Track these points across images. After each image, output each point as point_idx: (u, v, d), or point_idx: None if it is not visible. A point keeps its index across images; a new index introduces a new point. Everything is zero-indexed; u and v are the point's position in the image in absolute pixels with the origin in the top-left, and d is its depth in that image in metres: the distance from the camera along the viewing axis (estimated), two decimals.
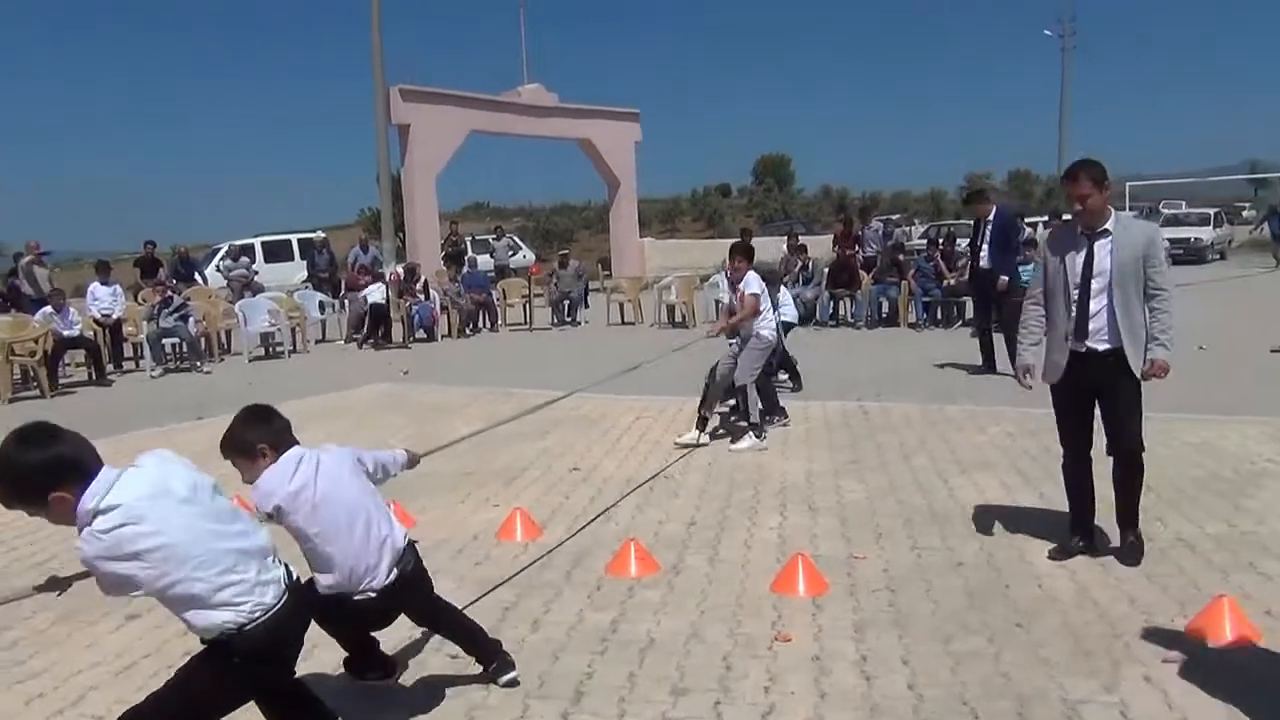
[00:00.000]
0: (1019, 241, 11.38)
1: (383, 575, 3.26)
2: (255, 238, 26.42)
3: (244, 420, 3.24)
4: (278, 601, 2.66)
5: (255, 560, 2.65)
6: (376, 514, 3.32)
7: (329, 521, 3.18)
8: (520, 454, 7.50)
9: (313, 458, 3.24)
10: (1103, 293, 4.53)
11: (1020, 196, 49.69)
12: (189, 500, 2.55)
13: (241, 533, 2.65)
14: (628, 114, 26.77)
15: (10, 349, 11.82)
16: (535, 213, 54.08)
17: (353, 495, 3.28)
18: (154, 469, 2.57)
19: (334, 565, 3.22)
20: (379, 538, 3.28)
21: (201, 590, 2.52)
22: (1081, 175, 4.47)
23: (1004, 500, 5.77)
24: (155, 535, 2.44)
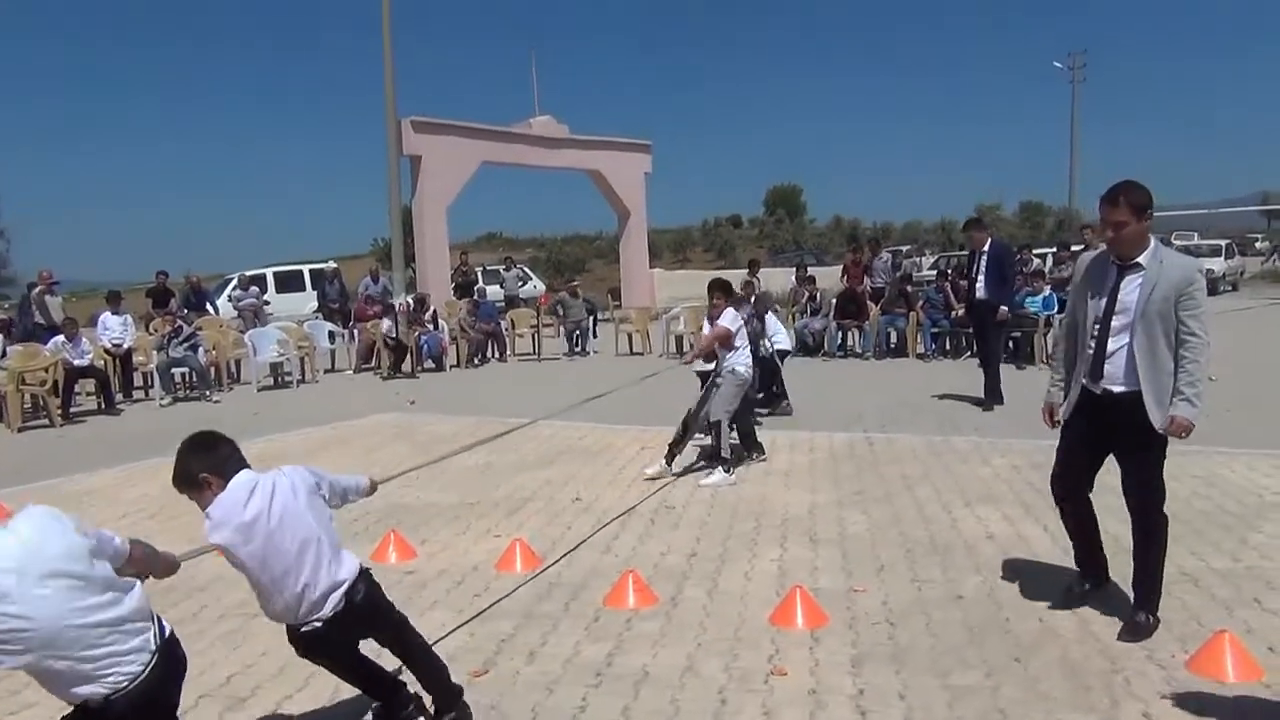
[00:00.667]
0: (1014, 274, 11.39)
1: (330, 606, 3.17)
2: (268, 268, 26.60)
3: (187, 450, 3.11)
4: (145, 668, 2.53)
5: (122, 627, 2.49)
6: (327, 542, 3.21)
7: (280, 551, 3.08)
8: (523, 484, 7.49)
9: (267, 483, 3.13)
10: (1124, 331, 4.11)
11: (1031, 228, 49.67)
12: (58, 574, 2.36)
13: (111, 601, 2.48)
14: (638, 145, 26.91)
15: (21, 378, 11.89)
16: (547, 243, 54.27)
17: (307, 523, 3.17)
18: (27, 533, 2.38)
19: (280, 596, 3.13)
20: (328, 567, 3.18)
21: (63, 669, 2.39)
22: (1121, 199, 4.06)
23: (1007, 533, 5.73)
24: (18, 618, 2.28)
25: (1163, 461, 4.18)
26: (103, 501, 7.45)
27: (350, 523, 6.51)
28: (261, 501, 3.08)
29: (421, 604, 4.93)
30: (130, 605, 2.54)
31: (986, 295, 10.28)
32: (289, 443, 9.73)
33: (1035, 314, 13.98)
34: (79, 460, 9.21)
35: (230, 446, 3.19)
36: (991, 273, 10.27)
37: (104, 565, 2.52)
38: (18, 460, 9.64)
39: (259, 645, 4.38)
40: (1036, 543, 5.49)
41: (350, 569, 3.26)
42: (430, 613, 4.79)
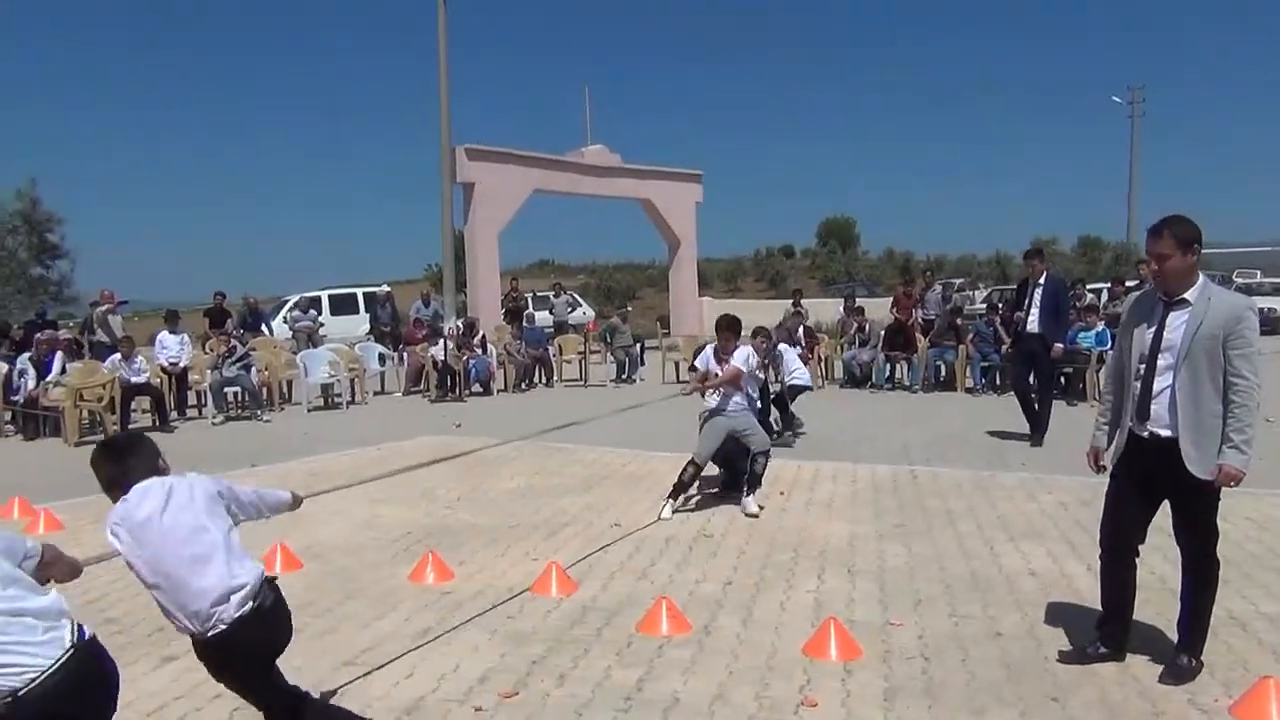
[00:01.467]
0: (1069, 309, 11.22)
1: (234, 608, 3.06)
2: (323, 290, 27.02)
3: (97, 457, 3.20)
4: (53, 663, 2.47)
5: (25, 621, 2.47)
6: (224, 547, 3.11)
7: (173, 554, 3.04)
8: (563, 508, 7.51)
9: (164, 485, 3.13)
10: (1169, 371, 3.97)
11: (1088, 263, 48.93)
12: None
13: (13, 596, 2.49)
14: (690, 175, 27.02)
15: (79, 394, 12.18)
16: (598, 270, 54.55)
17: (203, 526, 3.11)
18: None
19: (178, 600, 3.06)
20: (226, 571, 3.07)
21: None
22: (1165, 232, 3.95)
23: (1050, 570, 5.64)
24: None
25: (1216, 505, 4.07)
26: None
27: (390, 543, 6.58)
28: (155, 503, 3.07)
29: (455, 623, 4.96)
30: (37, 604, 2.53)
31: (1040, 329, 10.11)
32: (337, 463, 9.85)
33: (1088, 350, 13.76)
34: None
35: (144, 452, 3.23)
36: (1046, 306, 10.10)
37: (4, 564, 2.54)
38: (74, 474, 9.82)
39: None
40: (1080, 581, 5.39)
41: (253, 574, 3.14)
42: (464, 633, 4.82)
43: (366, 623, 5.03)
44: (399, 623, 5.03)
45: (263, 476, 9.24)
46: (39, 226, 27.65)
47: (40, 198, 27.78)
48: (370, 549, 6.37)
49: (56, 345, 13.56)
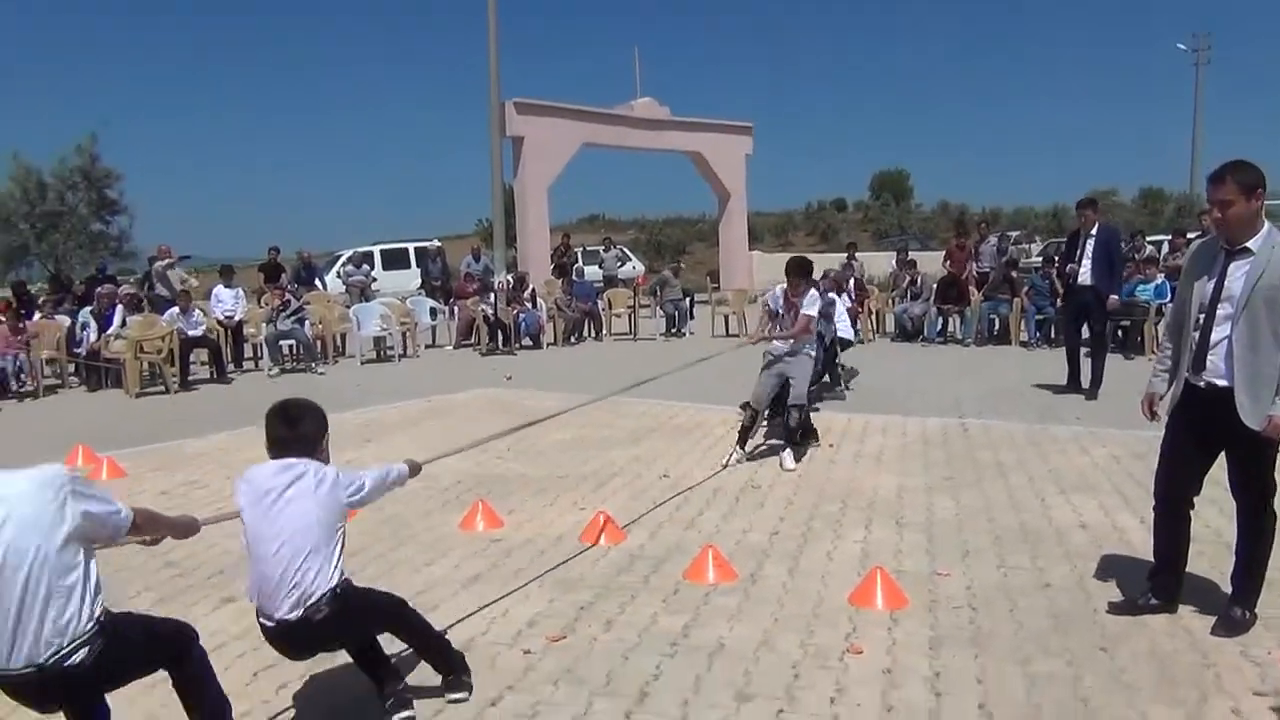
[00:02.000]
0: (1122, 261, 11.00)
1: (285, 611, 3.15)
2: (375, 245, 27.24)
3: (270, 414, 3.42)
4: (17, 672, 2.62)
5: (31, 622, 2.59)
6: (318, 549, 3.17)
7: (270, 533, 3.15)
8: (611, 460, 7.56)
9: (297, 469, 3.23)
10: (1228, 321, 3.89)
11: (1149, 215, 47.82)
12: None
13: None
14: (740, 127, 26.74)
15: (139, 347, 12.45)
16: (648, 225, 54.35)
17: (309, 523, 3.17)
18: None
19: (253, 579, 3.23)
20: (303, 571, 3.13)
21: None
22: (1228, 178, 3.85)
23: (1101, 523, 5.58)
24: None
25: (1274, 458, 3.99)
26: (212, 464, 7.76)
27: (442, 491, 6.68)
28: (280, 481, 3.20)
29: (505, 571, 5.04)
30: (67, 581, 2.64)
31: (1094, 281, 9.91)
32: (388, 415, 9.99)
33: (1146, 302, 13.50)
34: (192, 425, 9.61)
35: (306, 425, 3.37)
36: (1099, 257, 9.89)
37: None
38: (136, 424, 10.10)
39: None
40: (1132, 533, 5.33)
41: (322, 585, 3.16)
42: (513, 579, 4.89)
43: (418, 568, 5.13)
44: (449, 569, 5.12)
45: None
46: (98, 183, 28.08)
47: (100, 154, 28.20)
48: (421, 497, 6.47)
49: (117, 299, 13.85)
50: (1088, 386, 9.96)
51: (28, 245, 27.38)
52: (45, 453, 8.15)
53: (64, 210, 27.46)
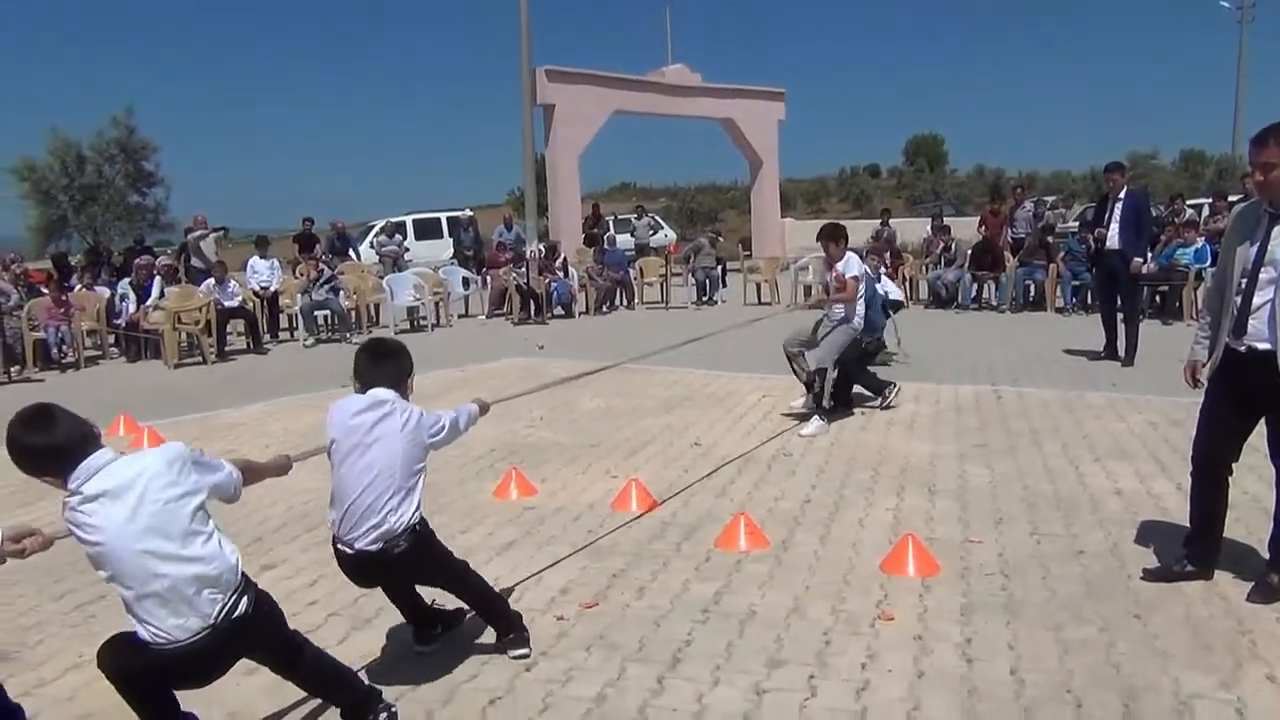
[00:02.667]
0: (1150, 225, 10.85)
1: (366, 542, 3.31)
2: (407, 215, 27.35)
3: (360, 353, 3.57)
4: (191, 638, 2.68)
5: (189, 588, 2.66)
6: (398, 484, 3.33)
7: (357, 466, 3.30)
8: (644, 428, 7.59)
9: (385, 406, 3.38)
10: (1270, 285, 3.83)
11: (1190, 178, 46.93)
12: (145, 511, 2.62)
13: (193, 558, 2.67)
14: (772, 93, 26.48)
15: (177, 318, 12.61)
16: (680, 193, 54.10)
17: (391, 455, 3.33)
18: (133, 467, 2.66)
19: (337, 504, 3.37)
20: (385, 505, 3.30)
21: (126, 597, 2.66)
22: (1271, 141, 3.76)
23: (1137, 490, 5.54)
24: (96, 532, 2.60)
25: None
26: (249, 434, 7.88)
27: (475, 459, 6.74)
28: (369, 418, 3.33)
29: (538, 538, 5.09)
30: (210, 569, 2.72)
31: (1120, 245, 9.79)
32: (423, 384, 10.03)
33: (1186, 267, 13.30)
34: (229, 395, 9.74)
35: (392, 363, 3.53)
36: (1127, 221, 9.77)
37: (200, 520, 2.76)
38: (174, 394, 10.25)
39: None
40: (1168, 500, 5.29)
41: (403, 521, 3.33)
42: (547, 547, 4.94)
43: (452, 535, 5.17)
44: (484, 536, 5.17)
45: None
46: (135, 155, 28.38)
47: (136, 125, 28.46)
48: (455, 465, 6.53)
49: (155, 270, 14.01)
50: (1123, 353, 9.86)
51: (66, 218, 27.75)
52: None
53: (102, 183, 27.80)
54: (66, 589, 4.61)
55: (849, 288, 7.24)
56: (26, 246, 26.08)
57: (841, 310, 7.33)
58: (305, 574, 4.65)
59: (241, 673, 3.54)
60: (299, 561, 4.86)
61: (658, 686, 3.42)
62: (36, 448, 2.63)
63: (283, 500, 5.79)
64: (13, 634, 4.13)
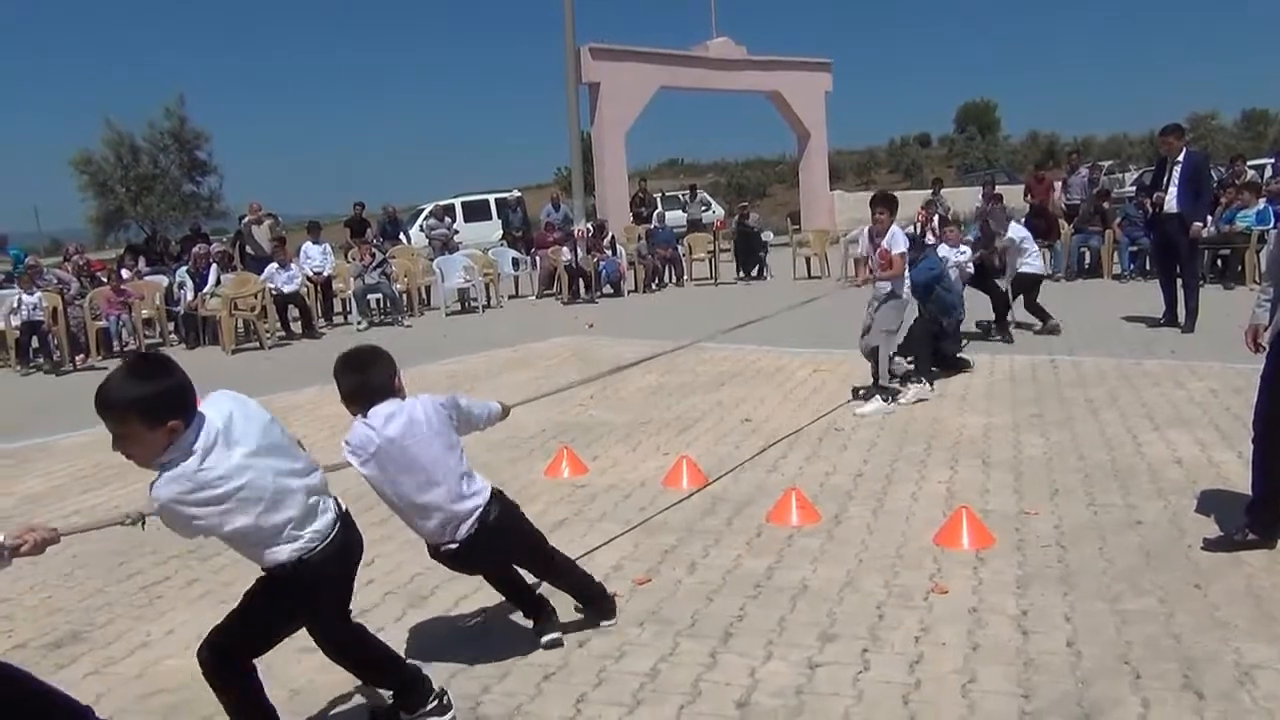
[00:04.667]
0: (1210, 188, 10.59)
1: (465, 529, 3.35)
2: (456, 198, 27.52)
3: (339, 368, 3.37)
4: (331, 529, 2.82)
5: (313, 497, 2.80)
6: (456, 468, 3.35)
7: (408, 475, 3.26)
8: (694, 405, 7.59)
9: (405, 411, 3.28)
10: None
11: (1251, 139, 45.68)
12: (259, 438, 2.67)
13: (304, 470, 2.81)
14: (819, 64, 26.21)
15: (234, 304, 12.83)
16: (728, 168, 53.82)
17: (435, 450, 3.30)
18: (222, 410, 2.66)
19: (415, 518, 3.38)
20: (457, 491, 3.33)
21: (268, 529, 2.66)
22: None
23: (1197, 458, 5.44)
24: (230, 479, 2.56)
25: None
26: (304, 417, 8.01)
27: (527, 439, 6.80)
28: (396, 430, 3.23)
29: (591, 515, 5.12)
30: (317, 478, 2.87)
31: (1179, 209, 9.58)
32: (474, 364, 10.16)
33: (1247, 229, 12.96)
34: (284, 380, 9.90)
35: (376, 369, 3.34)
36: (1185, 185, 9.55)
37: (289, 436, 2.87)
38: (232, 379, 10.40)
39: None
40: (1229, 468, 5.19)
41: (482, 493, 3.40)
42: (599, 524, 4.98)
43: None
44: (536, 514, 5.18)
45: (407, 378, 9.59)
46: (188, 144, 28.85)
47: (188, 115, 28.92)
48: (507, 445, 6.59)
49: (212, 258, 14.26)
50: (1183, 319, 9.66)
51: (124, 208, 28.30)
52: None
53: (157, 173, 28.31)
54: (133, 570, 4.72)
55: (895, 265, 7.06)
56: (87, 237, 26.69)
57: (887, 286, 7.14)
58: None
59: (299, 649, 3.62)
60: None
61: (710, 661, 3.43)
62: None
63: (337, 482, 5.87)
64: (83, 615, 4.25)
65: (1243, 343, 4.40)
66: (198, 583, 4.55)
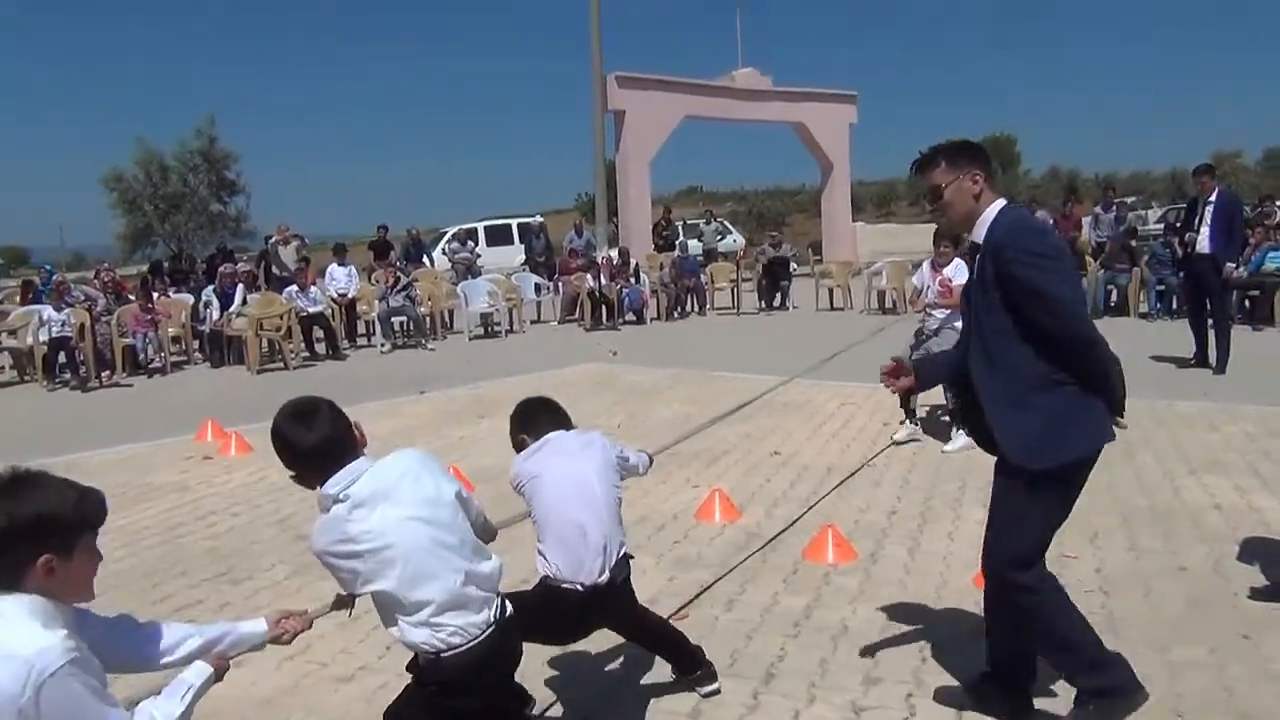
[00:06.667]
0: (1242, 228, 10.55)
1: (592, 574, 3.13)
2: (479, 222, 27.64)
3: (523, 410, 3.51)
4: (482, 633, 2.51)
5: (469, 586, 2.50)
6: (606, 514, 3.24)
7: (560, 504, 3.21)
8: (722, 437, 7.55)
9: (569, 441, 3.34)
10: None
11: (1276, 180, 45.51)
12: (420, 506, 2.47)
13: (468, 555, 2.55)
14: (844, 96, 26.26)
15: (259, 324, 12.88)
16: (748, 196, 53.90)
17: (591, 491, 3.25)
18: (397, 467, 2.52)
19: (553, 545, 3.21)
20: (602, 535, 3.17)
21: (407, 604, 2.43)
22: None
23: (1238, 504, 5.37)
24: (374, 537, 2.39)
25: None
26: None
27: None
28: (571, 444, 3.32)
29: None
30: (485, 569, 2.58)
31: (1212, 250, 9.54)
32: (497, 390, 10.15)
33: (1278, 270, 12.87)
34: None
35: (547, 417, 3.48)
36: (1218, 225, 9.50)
37: (463, 516, 2.62)
38: (257, 399, 10.44)
39: None
40: (1271, 514, 5.13)
41: (620, 549, 3.25)
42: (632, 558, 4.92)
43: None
44: None
45: (432, 402, 9.62)
46: (217, 164, 29.10)
47: (218, 135, 29.20)
48: None
49: (238, 277, 14.33)
50: (1214, 360, 9.59)
51: (152, 226, 28.53)
52: (178, 426, 8.52)
53: (186, 192, 28.54)
54: (165, 593, 4.71)
55: (955, 295, 7.01)
56: (115, 254, 26.91)
57: (941, 314, 7.07)
58: None
59: (337, 680, 3.59)
60: None
61: (753, 702, 3.39)
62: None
63: None
64: None
65: (1278, 384, 4.34)
66: (229, 607, 4.52)
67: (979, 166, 3.11)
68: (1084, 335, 2.96)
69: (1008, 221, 3.04)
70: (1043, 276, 2.89)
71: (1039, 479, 3.02)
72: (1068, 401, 3.01)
